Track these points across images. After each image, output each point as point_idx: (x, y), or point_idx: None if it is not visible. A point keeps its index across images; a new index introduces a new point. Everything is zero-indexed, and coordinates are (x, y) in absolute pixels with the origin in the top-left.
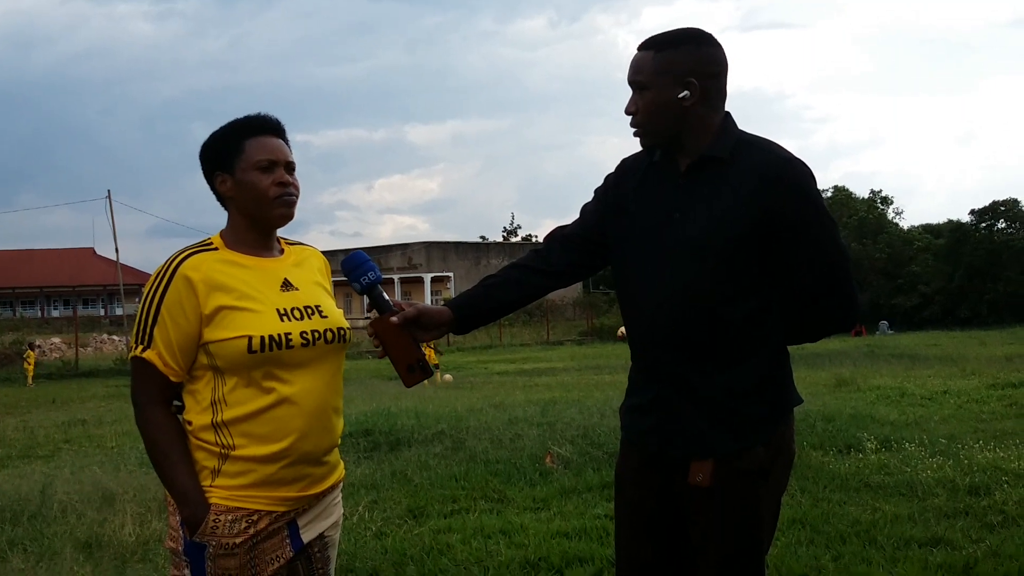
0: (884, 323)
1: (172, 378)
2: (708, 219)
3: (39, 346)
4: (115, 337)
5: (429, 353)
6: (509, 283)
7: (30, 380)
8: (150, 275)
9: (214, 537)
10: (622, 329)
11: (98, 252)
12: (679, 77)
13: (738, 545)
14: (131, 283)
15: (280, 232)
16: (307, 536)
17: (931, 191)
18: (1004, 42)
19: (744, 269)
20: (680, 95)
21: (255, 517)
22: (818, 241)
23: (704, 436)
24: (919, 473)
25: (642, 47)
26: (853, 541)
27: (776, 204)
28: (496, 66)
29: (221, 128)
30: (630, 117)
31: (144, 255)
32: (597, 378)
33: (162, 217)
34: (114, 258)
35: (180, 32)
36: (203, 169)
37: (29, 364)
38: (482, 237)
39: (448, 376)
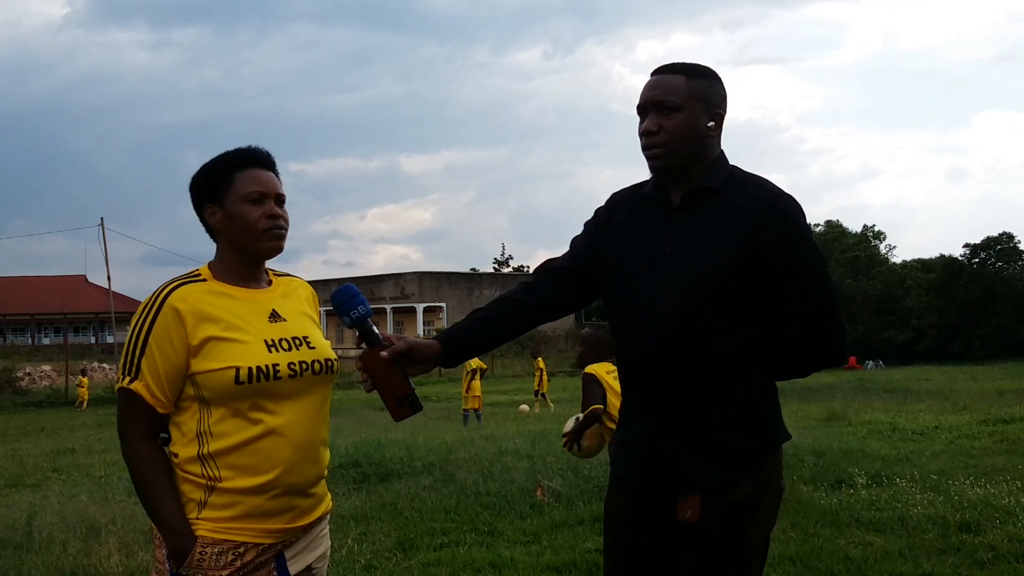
0: (871, 363)
1: (159, 409)
2: (700, 252)
3: (29, 374)
4: (106, 365)
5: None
6: (498, 316)
7: (85, 404)
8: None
9: (200, 570)
10: (523, 407)
11: (90, 279)
12: (709, 107)
13: None
14: (123, 311)
15: (270, 262)
16: (294, 568)
17: (923, 224)
18: (993, 78)
19: (734, 302)
20: (708, 124)
21: (242, 549)
22: (808, 275)
23: (690, 471)
24: (910, 509)
25: (667, 71)
26: None
27: (767, 237)
28: (491, 97)
29: (211, 160)
30: (644, 138)
31: (136, 283)
32: None
33: (155, 245)
34: (106, 286)
35: (176, 61)
36: (193, 201)
37: (84, 388)
38: (472, 269)
39: (524, 407)
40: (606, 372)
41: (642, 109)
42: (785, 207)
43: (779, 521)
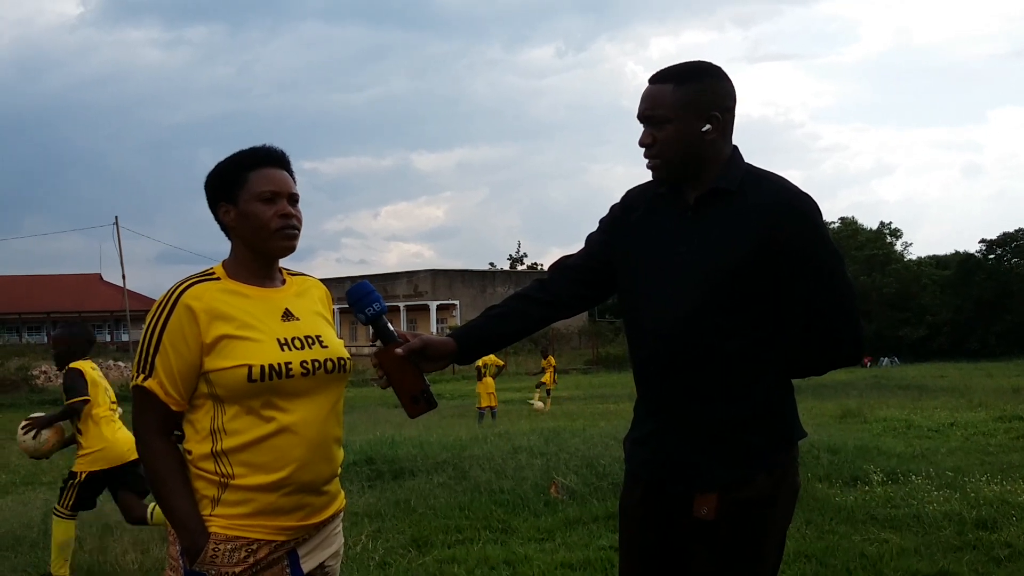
0: (886, 360)
1: (173, 407)
2: (715, 251)
3: (44, 372)
4: (121, 363)
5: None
6: (513, 314)
7: None
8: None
9: (213, 566)
10: (538, 404)
11: (105, 278)
12: (703, 111)
13: None
14: (138, 309)
15: (284, 261)
16: (307, 566)
17: (938, 221)
18: (1008, 73)
19: (749, 301)
20: (703, 129)
21: (255, 546)
22: (824, 274)
23: (703, 468)
24: (926, 506)
25: (657, 80)
26: (859, 574)
27: (783, 236)
28: (503, 94)
29: (226, 159)
30: (643, 149)
31: (151, 281)
32: (602, 407)
33: (169, 243)
34: (121, 284)
35: (189, 59)
36: (207, 199)
37: None
38: (491, 264)
39: (539, 404)
40: (91, 368)
41: (639, 120)
42: (803, 205)
43: (794, 518)
